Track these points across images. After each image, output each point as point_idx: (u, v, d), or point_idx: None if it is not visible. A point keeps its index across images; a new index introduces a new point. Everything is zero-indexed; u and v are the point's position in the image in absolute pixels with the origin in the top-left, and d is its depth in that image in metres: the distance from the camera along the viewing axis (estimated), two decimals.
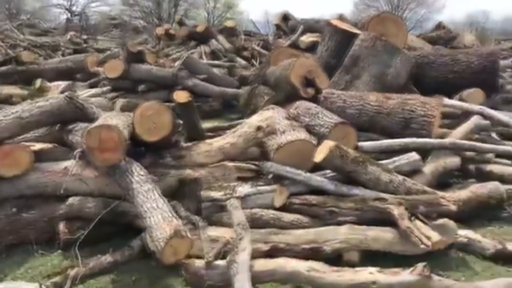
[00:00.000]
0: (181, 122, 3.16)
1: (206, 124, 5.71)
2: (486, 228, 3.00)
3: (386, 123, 3.73)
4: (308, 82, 4.58)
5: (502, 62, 6.95)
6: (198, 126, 3.02)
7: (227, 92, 6.45)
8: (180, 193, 2.93)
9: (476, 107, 3.92)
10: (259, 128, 2.94)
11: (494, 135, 3.96)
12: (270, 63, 5.86)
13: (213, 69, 6.92)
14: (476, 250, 2.63)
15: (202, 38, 11.57)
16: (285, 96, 4.78)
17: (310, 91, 4.58)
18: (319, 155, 2.92)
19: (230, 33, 12.31)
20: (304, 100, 4.34)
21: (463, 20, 31.83)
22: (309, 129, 3.52)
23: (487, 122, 3.79)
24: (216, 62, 9.45)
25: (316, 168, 3.09)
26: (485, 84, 4.98)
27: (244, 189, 2.89)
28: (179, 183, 2.96)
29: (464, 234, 2.68)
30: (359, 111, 3.86)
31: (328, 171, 3.03)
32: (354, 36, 4.90)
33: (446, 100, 4.12)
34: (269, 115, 2.97)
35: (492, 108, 4.79)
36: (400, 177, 2.89)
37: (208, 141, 3.10)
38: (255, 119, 3.00)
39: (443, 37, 12.26)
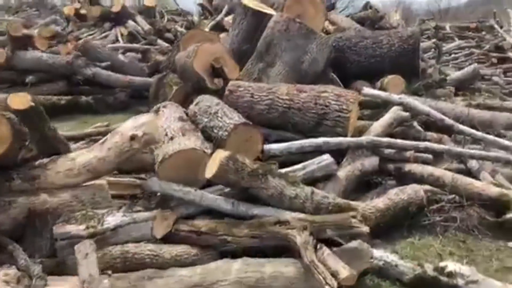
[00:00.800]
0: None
1: (110, 120, 4.98)
2: (405, 240, 2.64)
3: (298, 119, 3.25)
4: (216, 71, 3.99)
5: (424, 44, 6.81)
6: (51, 137, 2.32)
7: (135, 81, 5.66)
8: (29, 229, 2.24)
9: (395, 97, 3.56)
10: (132, 138, 2.31)
11: (417, 125, 3.65)
12: (180, 48, 5.19)
13: (118, 55, 6.07)
14: (393, 275, 2.24)
15: (118, 19, 10.48)
16: (193, 87, 4.16)
17: (218, 82, 3.99)
18: (210, 170, 2.36)
19: (150, 13, 11.30)
20: (213, 92, 3.77)
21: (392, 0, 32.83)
22: (207, 132, 2.95)
23: (407, 114, 3.44)
24: (129, 45, 8.53)
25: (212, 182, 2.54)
26: (406, 69, 4.70)
27: (115, 218, 2.27)
28: (29, 214, 2.26)
29: (380, 256, 2.27)
30: (269, 107, 3.34)
31: None
32: (268, 17, 4.36)
33: (365, 90, 3.72)
34: (146, 120, 2.34)
35: (414, 94, 4.53)
36: (308, 190, 2.42)
37: (71, 155, 2.42)
38: (129, 126, 2.36)
39: (371, 17, 12.23)
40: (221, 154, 2.35)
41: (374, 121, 3.58)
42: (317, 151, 2.95)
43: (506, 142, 3.26)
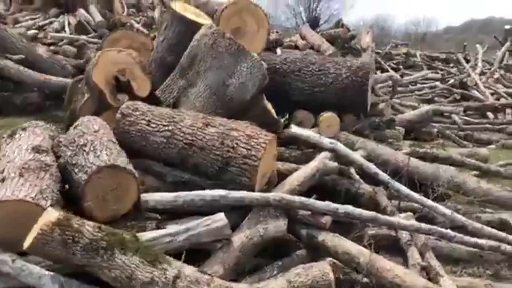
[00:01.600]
0: None
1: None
2: None
3: (200, 161, 2.62)
4: (121, 85, 3.31)
5: (379, 76, 6.34)
6: None
7: (50, 81, 4.88)
8: None
9: (326, 141, 3.00)
10: None
11: (353, 173, 3.11)
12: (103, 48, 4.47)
13: (37, 49, 5.27)
14: None
15: (69, 5, 9.61)
16: (97, 101, 3.46)
17: (122, 98, 3.31)
18: (28, 238, 1.68)
19: (109, 3, 10.48)
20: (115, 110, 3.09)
21: (372, 21, 32.99)
22: (69, 172, 2.25)
23: (334, 165, 2.87)
24: (65, 35, 7.72)
25: None
26: (353, 103, 4.18)
27: None
28: None
29: None
30: (167, 140, 2.69)
31: None
32: (199, 27, 3.72)
33: (293, 128, 3.15)
34: None
35: (358, 134, 4.01)
36: (171, 274, 1.78)
37: None
38: None
39: (341, 35, 11.85)
40: (47, 217, 1.68)
41: (303, 165, 3.02)
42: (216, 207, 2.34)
43: (444, 209, 2.75)
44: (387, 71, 10.94)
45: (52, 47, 7.12)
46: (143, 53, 4.10)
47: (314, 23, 18.31)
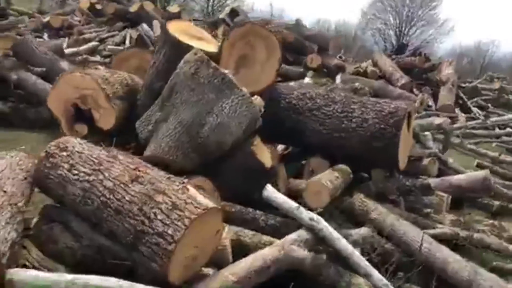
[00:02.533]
0: None
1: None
2: None
3: (113, 227, 1.99)
4: (83, 113, 2.85)
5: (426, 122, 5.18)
6: None
7: None
8: None
9: (305, 215, 2.18)
10: None
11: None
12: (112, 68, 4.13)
13: (62, 62, 5.14)
14: None
15: (134, 20, 9.80)
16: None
17: (80, 129, 2.84)
18: None
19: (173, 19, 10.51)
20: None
21: (471, 47, 29.93)
22: None
23: (304, 255, 2.03)
24: (120, 48, 7.71)
25: None
26: (379, 157, 3.26)
27: None
28: None
29: None
30: (84, 194, 2.11)
31: None
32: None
33: (268, 189, 2.37)
34: None
35: (377, 197, 3.08)
36: None
37: None
38: None
39: (418, 65, 10.55)
40: None
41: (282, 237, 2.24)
42: None
43: None
44: (470, 110, 9.43)
45: (108, 59, 7.16)
46: None
47: (400, 49, 16.88)
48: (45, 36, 9.10)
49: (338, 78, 8.41)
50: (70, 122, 2.81)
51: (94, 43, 8.39)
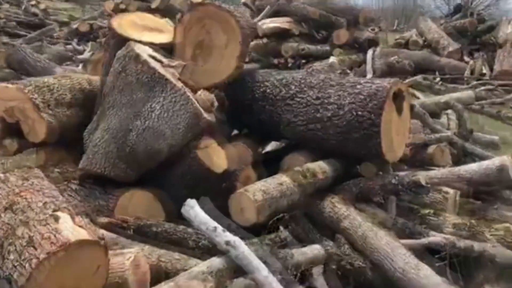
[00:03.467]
0: None
1: None
2: None
3: None
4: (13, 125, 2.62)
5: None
6: None
7: None
8: None
9: (221, 240, 1.73)
10: None
11: None
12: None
13: (58, 69, 5.05)
14: None
15: (161, 15, 9.66)
16: None
17: (9, 144, 2.63)
18: None
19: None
20: None
21: None
22: None
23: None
24: None
25: None
26: (361, 150, 2.66)
27: None
28: None
29: None
30: None
31: None
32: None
33: (187, 204, 1.95)
34: None
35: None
36: None
37: None
38: None
39: (468, 28, 9.25)
40: None
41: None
42: None
43: None
44: None
45: None
46: None
47: (456, 11, 15.10)
48: (74, 43, 9.31)
49: (370, 53, 7.57)
50: (1, 134, 2.61)
51: None
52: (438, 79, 7.59)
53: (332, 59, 7.17)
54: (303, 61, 7.46)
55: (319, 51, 7.69)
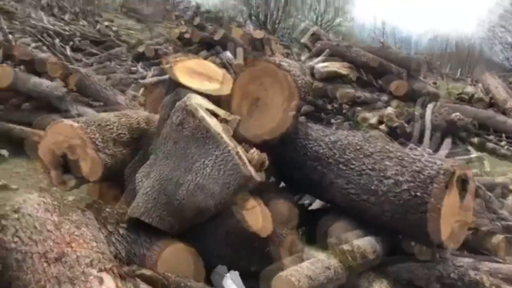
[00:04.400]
0: None
1: None
2: None
3: None
4: (70, 164, 2.73)
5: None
6: None
7: None
8: None
9: None
10: None
11: None
12: (146, 104, 4.12)
13: (119, 97, 5.29)
14: None
15: (219, 47, 9.99)
16: None
17: (67, 180, 2.73)
18: None
19: (256, 45, 10.49)
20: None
21: None
22: None
23: None
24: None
25: None
26: (414, 230, 2.50)
27: None
28: None
29: None
30: (16, 265, 1.91)
31: None
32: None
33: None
34: None
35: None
36: None
37: None
38: None
39: None
40: None
41: None
42: None
43: None
44: None
45: None
46: None
47: None
48: (139, 66, 9.79)
49: (430, 107, 7.31)
50: (59, 171, 2.72)
51: None
52: (503, 142, 7.14)
53: (389, 109, 7.00)
54: (358, 108, 7.34)
55: (376, 100, 7.54)
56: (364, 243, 2.41)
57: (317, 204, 3.76)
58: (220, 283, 1.87)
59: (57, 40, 9.85)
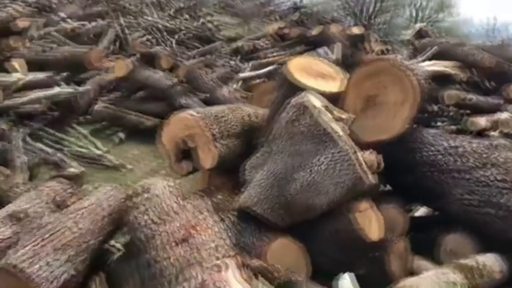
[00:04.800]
0: None
1: None
2: None
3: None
4: (188, 151, 2.89)
5: None
6: None
7: None
8: None
9: None
10: None
11: None
12: (251, 100, 4.23)
13: (223, 89, 5.49)
14: None
15: (317, 43, 9.88)
16: None
17: (186, 166, 2.90)
18: None
19: (356, 42, 10.16)
20: None
21: None
22: None
23: None
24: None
25: None
26: None
27: None
28: None
29: None
30: (145, 241, 2.06)
31: None
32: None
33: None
34: None
35: None
36: None
37: None
38: None
39: None
40: None
41: None
42: None
43: None
44: None
45: None
46: None
47: None
48: (237, 60, 10.08)
49: None
50: (178, 158, 2.90)
51: (273, 66, 8.82)
52: None
53: (505, 114, 6.32)
54: (467, 111, 6.74)
55: (489, 104, 6.86)
56: (490, 260, 2.21)
57: (421, 211, 3.57)
58: (336, 284, 1.84)
59: (164, 34, 10.56)
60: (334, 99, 2.91)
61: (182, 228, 1.99)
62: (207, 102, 5.29)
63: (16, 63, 5.31)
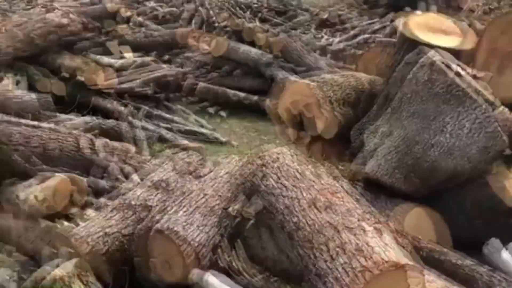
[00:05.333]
0: None
1: None
2: None
3: (300, 253, 1.87)
4: (305, 122, 2.85)
5: None
6: None
7: None
8: None
9: None
10: None
11: None
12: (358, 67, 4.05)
13: (321, 62, 5.32)
14: None
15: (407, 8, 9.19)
16: None
17: (303, 136, 2.86)
18: None
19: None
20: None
21: None
22: None
23: None
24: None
25: None
26: None
27: None
28: None
29: None
30: (285, 209, 2.07)
31: None
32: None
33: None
34: None
35: None
36: None
37: None
38: None
39: None
40: None
41: None
42: None
43: None
44: None
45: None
46: None
47: None
48: (323, 33, 9.77)
49: None
50: (295, 128, 2.88)
51: (364, 36, 8.41)
52: None
53: None
54: None
55: None
56: None
57: None
58: (495, 258, 1.69)
59: (247, 13, 10.59)
60: (460, 55, 2.66)
61: (322, 195, 1.97)
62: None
63: (123, 49, 5.69)
